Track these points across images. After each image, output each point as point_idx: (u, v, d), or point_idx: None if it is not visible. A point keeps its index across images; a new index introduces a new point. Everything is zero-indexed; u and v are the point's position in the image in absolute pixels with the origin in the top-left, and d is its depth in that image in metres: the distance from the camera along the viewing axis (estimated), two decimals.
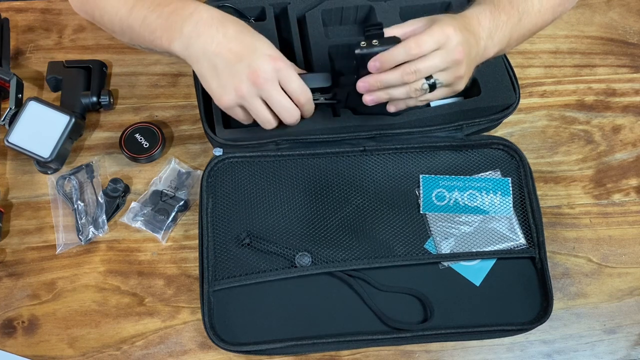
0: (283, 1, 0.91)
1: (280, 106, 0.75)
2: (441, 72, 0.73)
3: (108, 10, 0.79)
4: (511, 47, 0.82)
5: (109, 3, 0.79)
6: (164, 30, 0.74)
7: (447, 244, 0.83)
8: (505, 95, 0.88)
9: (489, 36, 0.77)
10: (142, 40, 0.78)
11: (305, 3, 0.91)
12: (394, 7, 0.91)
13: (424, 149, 0.88)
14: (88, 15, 0.85)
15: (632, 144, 0.95)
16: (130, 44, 0.83)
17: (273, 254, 0.81)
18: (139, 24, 0.77)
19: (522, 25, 0.80)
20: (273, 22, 0.90)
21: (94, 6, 0.81)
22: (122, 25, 0.79)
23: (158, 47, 0.77)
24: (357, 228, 0.83)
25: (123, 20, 0.78)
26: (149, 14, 0.76)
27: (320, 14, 0.90)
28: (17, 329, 0.80)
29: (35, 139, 0.84)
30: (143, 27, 0.76)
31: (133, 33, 0.78)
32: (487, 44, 0.77)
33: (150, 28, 0.76)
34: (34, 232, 0.85)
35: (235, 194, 0.84)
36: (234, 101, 0.74)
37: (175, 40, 0.74)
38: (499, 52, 0.80)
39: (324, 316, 0.79)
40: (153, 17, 0.75)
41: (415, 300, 0.81)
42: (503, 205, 0.85)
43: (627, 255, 0.88)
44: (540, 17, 0.83)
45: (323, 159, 0.87)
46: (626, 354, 0.83)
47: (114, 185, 0.85)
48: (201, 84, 0.76)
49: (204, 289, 0.78)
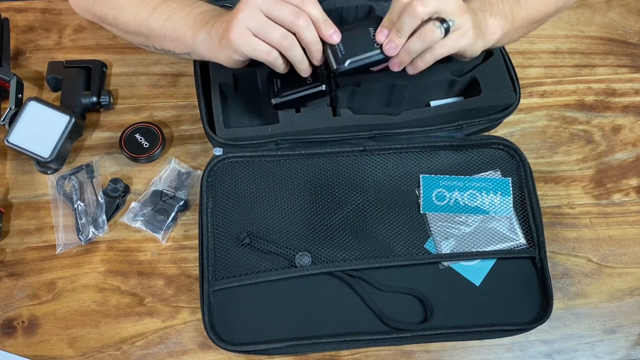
0: None
1: (282, 13, 0.71)
2: (450, 12, 0.71)
3: (125, 13, 0.81)
4: (518, 32, 0.82)
5: (127, 6, 0.80)
6: (189, 27, 0.76)
7: (447, 243, 0.83)
8: (506, 95, 0.87)
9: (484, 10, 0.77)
10: (161, 40, 0.80)
11: None
12: None
13: (424, 149, 0.88)
14: (96, 17, 0.85)
15: (632, 144, 0.95)
16: (144, 44, 0.84)
17: (273, 254, 0.81)
18: (160, 25, 0.78)
19: (523, 8, 0.80)
20: None
21: (109, 7, 0.82)
22: (140, 26, 0.80)
23: (179, 46, 0.78)
24: (357, 228, 0.83)
25: (143, 21, 0.79)
26: (174, 14, 0.78)
27: None
28: (17, 329, 0.80)
29: (35, 139, 0.84)
30: (165, 27, 0.78)
31: (152, 33, 0.80)
32: (484, 16, 0.77)
33: (174, 27, 0.77)
34: (34, 232, 0.85)
35: (235, 194, 0.84)
36: (239, 27, 0.71)
37: (202, 31, 0.76)
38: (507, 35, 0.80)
39: (324, 316, 0.79)
40: (179, 17, 0.77)
41: (415, 300, 0.81)
42: (503, 205, 0.85)
43: (627, 255, 0.88)
44: (542, 3, 0.83)
45: (323, 159, 0.87)
46: (626, 354, 0.83)
47: (114, 185, 0.85)
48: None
49: (204, 289, 0.78)
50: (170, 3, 0.79)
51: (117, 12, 0.82)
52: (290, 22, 0.71)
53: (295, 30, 0.72)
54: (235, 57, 0.74)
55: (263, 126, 0.84)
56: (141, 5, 0.80)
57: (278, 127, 0.84)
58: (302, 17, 0.71)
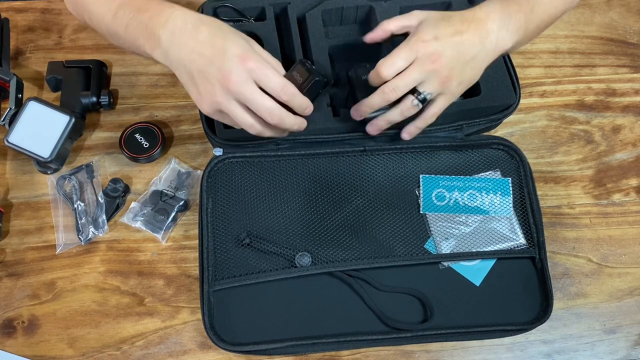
0: (283, 1, 0.91)
1: (259, 107, 0.70)
2: (425, 84, 0.74)
3: (95, 15, 0.79)
4: (529, 38, 0.82)
5: (95, 8, 0.78)
6: (146, 38, 0.73)
7: (447, 244, 0.83)
8: (506, 95, 0.88)
9: (501, 27, 0.77)
10: (129, 46, 0.77)
11: (305, 3, 0.91)
12: (393, 7, 0.90)
13: (424, 149, 0.88)
14: (79, 17, 0.85)
15: (632, 144, 0.95)
16: (120, 48, 0.82)
17: (273, 254, 0.81)
18: (122, 30, 0.75)
19: (536, 15, 0.80)
20: (273, 22, 0.90)
21: (83, 9, 0.81)
22: (109, 30, 0.78)
23: (143, 54, 0.76)
24: (357, 228, 0.83)
25: (109, 25, 0.77)
26: (131, 21, 0.74)
27: (321, 14, 0.90)
28: (17, 329, 0.80)
29: (35, 139, 0.84)
30: (127, 33, 0.75)
31: (119, 39, 0.77)
32: (499, 35, 0.77)
33: (133, 35, 0.74)
34: (34, 232, 0.85)
35: (235, 194, 0.84)
36: (212, 107, 0.71)
37: (156, 49, 0.72)
38: (518, 44, 0.80)
39: (324, 316, 0.79)
40: (134, 24, 0.74)
41: (416, 300, 0.81)
42: (503, 205, 0.85)
43: (627, 255, 0.88)
44: (553, 7, 0.83)
45: (323, 159, 0.87)
46: (626, 354, 0.83)
47: (114, 185, 0.85)
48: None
49: (204, 289, 0.78)
50: (126, 7, 0.75)
51: (89, 14, 0.79)
52: (268, 118, 0.71)
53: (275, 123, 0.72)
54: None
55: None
56: (106, 7, 0.77)
57: None
58: (275, 115, 0.71)
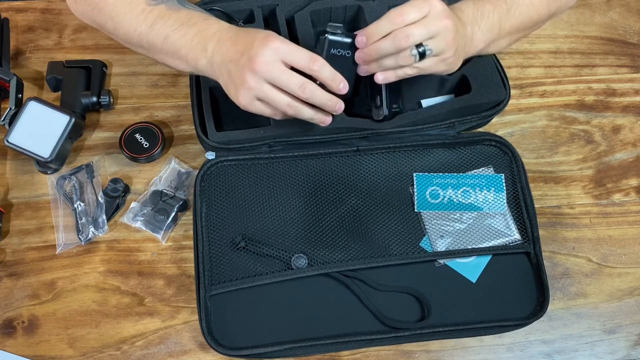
0: (271, 3, 0.91)
1: (289, 82, 0.71)
2: (431, 40, 0.73)
3: (124, 25, 0.80)
4: (507, 39, 0.82)
5: (126, 18, 0.80)
6: (190, 49, 0.76)
7: (442, 241, 0.83)
8: (496, 92, 0.88)
9: (473, 22, 0.78)
10: (164, 56, 0.80)
11: (293, 4, 0.91)
12: (382, 6, 0.90)
13: (417, 147, 0.88)
14: (95, 24, 0.85)
15: (632, 144, 0.95)
16: (146, 56, 0.84)
17: (269, 257, 0.81)
18: (160, 41, 0.78)
19: (513, 16, 0.81)
20: (262, 24, 0.90)
21: (107, 18, 0.82)
22: (142, 40, 0.80)
23: (183, 65, 0.79)
24: (353, 228, 0.83)
25: (143, 36, 0.79)
26: (172, 33, 0.77)
27: (309, 15, 0.91)
28: (17, 329, 0.80)
29: (35, 139, 0.84)
30: (166, 44, 0.78)
31: (153, 49, 0.80)
32: (473, 29, 0.78)
33: (174, 47, 0.77)
34: (34, 232, 0.85)
35: (229, 198, 0.84)
36: (248, 97, 0.73)
37: (201, 59, 0.76)
38: (490, 42, 0.81)
39: (321, 317, 0.79)
40: (176, 37, 0.77)
41: (413, 299, 0.81)
42: (497, 201, 0.85)
43: (627, 255, 0.88)
44: (534, 10, 0.83)
45: (316, 160, 0.87)
46: (626, 354, 0.82)
47: (114, 185, 0.85)
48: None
49: (201, 294, 0.78)
50: (167, 19, 0.78)
51: (116, 24, 0.81)
52: (300, 92, 0.72)
53: (307, 97, 0.73)
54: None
55: (255, 129, 0.84)
56: (140, 18, 0.79)
57: (270, 129, 0.84)
58: (307, 88, 0.72)
